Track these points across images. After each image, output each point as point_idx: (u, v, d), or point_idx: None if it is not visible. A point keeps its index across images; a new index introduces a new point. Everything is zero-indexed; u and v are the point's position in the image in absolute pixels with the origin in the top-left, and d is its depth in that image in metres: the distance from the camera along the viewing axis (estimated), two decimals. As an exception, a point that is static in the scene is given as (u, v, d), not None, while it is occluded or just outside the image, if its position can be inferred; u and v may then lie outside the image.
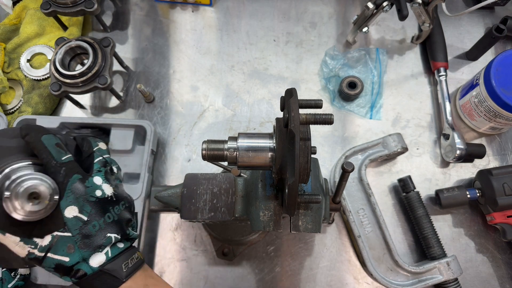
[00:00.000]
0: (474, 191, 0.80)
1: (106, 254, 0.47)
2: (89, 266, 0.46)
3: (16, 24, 0.97)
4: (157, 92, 0.95)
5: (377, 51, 0.95)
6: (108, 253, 0.47)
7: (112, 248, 0.48)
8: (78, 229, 0.46)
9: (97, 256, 0.46)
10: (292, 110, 0.46)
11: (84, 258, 0.46)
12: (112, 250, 0.48)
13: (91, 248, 0.46)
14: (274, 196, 0.59)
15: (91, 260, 0.46)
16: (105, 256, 0.47)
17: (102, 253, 0.47)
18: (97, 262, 0.46)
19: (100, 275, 0.46)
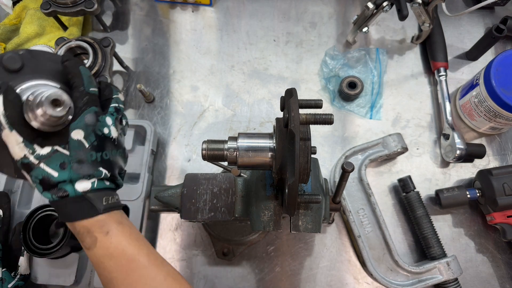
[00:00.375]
0: (474, 191, 0.80)
1: (92, 184, 0.49)
2: (73, 188, 0.48)
3: (16, 24, 0.97)
4: (157, 92, 0.95)
5: (377, 51, 0.95)
6: (94, 183, 0.49)
7: (99, 181, 0.50)
8: (77, 152, 0.48)
9: (83, 182, 0.48)
10: (292, 110, 0.46)
11: (71, 180, 0.47)
12: (98, 183, 0.50)
13: (81, 173, 0.48)
14: (274, 196, 0.59)
15: (77, 184, 0.48)
16: (91, 185, 0.49)
17: (89, 181, 0.48)
18: (82, 187, 0.48)
19: (81, 200, 0.48)
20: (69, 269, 0.75)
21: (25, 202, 0.82)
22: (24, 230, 0.71)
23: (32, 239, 0.70)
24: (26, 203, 0.82)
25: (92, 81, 0.52)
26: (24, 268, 0.73)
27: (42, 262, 0.75)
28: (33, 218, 0.72)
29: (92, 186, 0.49)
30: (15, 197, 0.81)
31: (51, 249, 0.70)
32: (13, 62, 0.50)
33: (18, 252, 0.74)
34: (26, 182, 0.82)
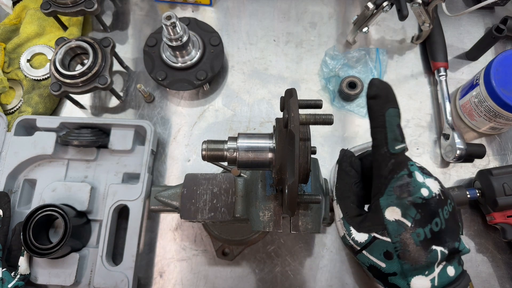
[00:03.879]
0: (474, 191, 0.80)
1: (432, 282, 0.38)
2: (408, 287, 0.38)
3: (16, 24, 0.97)
4: (157, 92, 0.95)
5: (377, 51, 0.95)
6: (434, 281, 0.38)
7: (440, 275, 0.38)
8: (399, 237, 0.38)
9: (420, 279, 0.38)
10: (292, 111, 0.46)
11: (404, 273, 0.38)
12: (440, 277, 0.38)
13: (412, 262, 0.38)
14: (274, 196, 0.59)
15: (413, 282, 0.38)
16: (430, 283, 0.38)
17: (427, 278, 0.38)
18: (420, 287, 0.38)
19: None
20: (69, 269, 0.75)
21: (25, 202, 0.82)
22: (24, 230, 0.71)
23: (32, 239, 0.70)
24: (26, 203, 0.82)
25: (399, 132, 0.41)
26: (24, 268, 0.73)
27: (42, 262, 0.75)
28: (33, 218, 0.72)
29: (432, 285, 0.38)
30: (15, 197, 0.81)
31: (51, 249, 0.70)
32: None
33: (18, 252, 0.74)
34: (26, 182, 0.82)
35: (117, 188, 0.79)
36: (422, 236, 0.38)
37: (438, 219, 0.39)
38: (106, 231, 0.76)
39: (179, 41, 0.82)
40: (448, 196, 0.42)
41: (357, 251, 0.41)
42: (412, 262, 0.38)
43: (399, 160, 0.40)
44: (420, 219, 0.38)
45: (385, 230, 0.39)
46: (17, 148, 0.82)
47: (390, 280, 0.40)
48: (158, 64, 0.89)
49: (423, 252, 0.38)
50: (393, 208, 0.39)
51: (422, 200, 0.39)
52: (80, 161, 0.84)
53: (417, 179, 0.40)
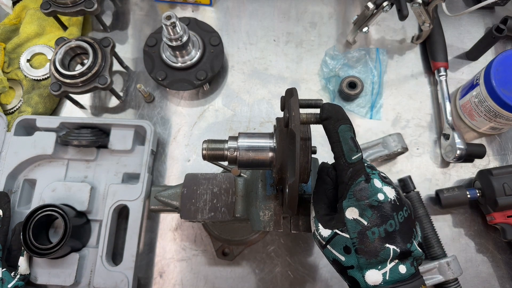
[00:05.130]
0: (474, 191, 0.80)
1: (383, 276, 0.42)
2: (363, 279, 0.43)
3: (16, 24, 0.97)
4: (157, 92, 0.95)
5: (377, 51, 0.95)
6: (385, 275, 0.42)
7: (392, 271, 0.43)
8: (357, 233, 0.44)
9: (373, 272, 0.43)
10: (292, 110, 0.46)
11: (360, 266, 0.43)
12: (391, 273, 0.43)
13: (367, 256, 0.43)
14: (274, 196, 0.59)
15: (367, 274, 0.43)
16: (382, 277, 0.42)
17: (380, 272, 0.43)
18: (373, 280, 0.43)
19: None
20: (69, 269, 0.75)
21: (25, 202, 0.82)
22: (24, 230, 0.71)
23: (32, 239, 0.70)
24: (26, 203, 0.82)
25: (354, 144, 0.46)
26: (24, 268, 0.73)
27: (42, 262, 0.75)
28: (33, 218, 0.72)
29: (383, 279, 0.42)
30: (15, 197, 0.81)
31: (51, 249, 0.70)
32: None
33: (18, 252, 0.74)
34: (26, 182, 0.82)
35: (117, 188, 0.79)
36: (376, 234, 0.43)
37: (393, 221, 0.44)
38: (106, 231, 0.76)
39: (179, 41, 0.82)
40: (404, 204, 0.47)
41: (323, 245, 0.47)
42: (367, 256, 0.43)
43: (356, 168, 0.46)
44: (375, 219, 0.44)
45: (345, 227, 0.45)
46: (17, 148, 0.81)
47: (348, 273, 0.45)
48: (158, 64, 0.89)
49: (377, 248, 0.43)
50: (352, 208, 0.45)
51: (377, 203, 0.44)
52: (80, 161, 0.84)
53: (375, 184, 0.45)
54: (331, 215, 0.48)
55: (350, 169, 0.46)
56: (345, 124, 0.47)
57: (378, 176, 0.47)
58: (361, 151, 0.47)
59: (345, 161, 0.46)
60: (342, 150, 0.46)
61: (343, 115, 0.48)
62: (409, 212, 0.47)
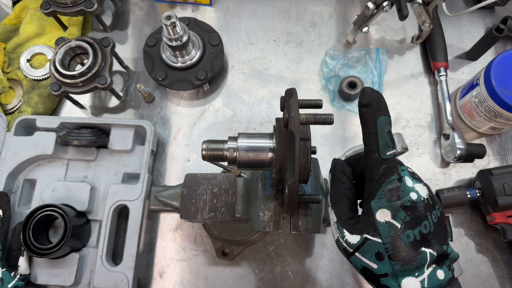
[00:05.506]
0: (474, 191, 0.80)
1: (421, 283, 0.39)
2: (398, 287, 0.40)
3: (16, 24, 0.97)
4: (157, 92, 0.95)
5: (377, 51, 0.95)
6: (423, 283, 0.39)
7: (430, 277, 0.40)
8: (390, 237, 0.40)
9: (410, 280, 0.39)
10: (292, 110, 0.46)
11: (395, 274, 0.40)
12: (429, 280, 0.39)
13: (402, 262, 0.39)
14: (274, 196, 0.59)
15: (403, 283, 0.39)
16: (420, 285, 0.39)
17: (417, 279, 0.39)
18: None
19: None
20: (69, 269, 0.75)
21: (25, 202, 0.82)
22: (24, 230, 0.71)
23: (32, 239, 0.70)
24: (26, 203, 0.82)
25: (390, 138, 0.43)
26: (24, 268, 0.73)
27: (42, 262, 0.75)
28: (33, 218, 0.72)
29: (421, 287, 0.39)
30: (15, 197, 0.81)
31: (51, 249, 0.70)
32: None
33: (18, 252, 0.74)
34: (25, 182, 0.82)
35: (117, 188, 0.79)
36: (411, 237, 0.40)
37: (427, 222, 0.41)
38: (106, 231, 0.76)
39: (179, 41, 0.82)
40: (436, 202, 0.44)
41: (350, 253, 0.43)
42: (402, 262, 0.40)
43: (390, 165, 0.42)
44: (409, 221, 0.40)
45: (376, 231, 0.41)
46: (17, 148, 0.82)
47: (381, 282, 0.41)
48: (158, 64, 0.89)
49: (413, 253, 0.40)
50: (384, 210, 0.41)
51: (411, 204, 0.41)
52: (80, 161, 0.84)
53: (406, 183, 0.42)
54: (354, 218, 0.44)
55: (383, 166, 0.42)
56: (385, 115, 0.43)
57: (408, 172, 0.43)
58: (396, 147, 0.43)
59: (379, 156, 0.42)
60: (378, 143, 0.42)
61: (384, 105, 0.43)
62: (441, 211, 0.44)
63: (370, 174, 0.43)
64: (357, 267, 0.43)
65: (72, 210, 0.77)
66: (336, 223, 0.44)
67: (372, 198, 0.42)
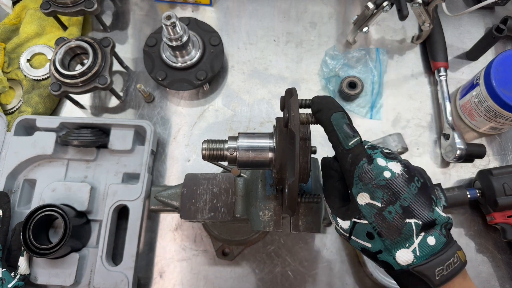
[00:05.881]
0: (474, 191, 0.80)
1: (413, 253, 0.41)
2: (395, 261, 0.42)
3: (16, 24, 0.97)
4: (157, 92, 0.95)
5: (377, 51, 0.95)
6: (415, 251, 0.41)
7: (421, 245, 0.42)
8: (374, 217, 0.43)
9: (402, 252, 0.42)
10: (292, 110, 0.46)
11: (387, 249, 0.42)
12: (420, 248, 0.41)
13: (391, 237, 0.42)
14: (274, 196, 0.59)
15: (397, 255, 0.42)
16: (413, 254, 0.41)
17: (409, 250, 0.41)
18: (404, 260, 0.42)
19: (408, 275, 0.42)
20: (69, 269, 0.75)
21: (25, 202, 0.82)
22: (24, 230, 0.71)
23: (32, 239, 0.70)
24: (26, 203, 0.82)
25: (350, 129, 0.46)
26: (24, 268, 0.73)
27: (42, 262, 0.75)
28: (33, 218, 0.72)
29: (414, 256, 0.41)
30: (15, 197, 0.81)
31: (51, 249, 0.70)
32: None
33: (18, 252, 0.74)
34: (25, 182, 0.83)
35: (117, 188, 0.79)
36: (393, 212, 0.42)
37: (406, 195, 0.43)
38: (106, 231, 0.76)
39: (179, 41, 0.82)
40: (415, 174, 0.46)
41: (347, 237, 0.46)
42: (391, 237, 0.42)
43: (355, 153, 0.45)
44: (388, 198, 0.43)
45: (361, 214, 0.44)
46: (17, 148, 0.82)
47: (379, 258, 0.44)
48: (158, 64, 0.89)
49: (398, 227, 0.42)
50: (362, 193, 0.44)
51: (385, 182, 0.43)
52: (80, 161, 0.84)
53: (378, 164, 0.44)
54: (345, 205, 0.47)
55: (349, 155, 0.45)
56: (337, 111, 0.47)
57: (381, 154, 0.46)
58: (358, 135, 0.46)
59: (343, 149, 0.45)
60: (338, 138, 0.46)
61: (333, 104, 0.47)
62: (423, 181, 0.45)
63: (343, 166, 0.46)
64: (357, 249, 0.46)
65: (72, 210, 0.77)
66: (330, 214, 0.48)
67: (351, 186, 0.45)
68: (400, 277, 0.43)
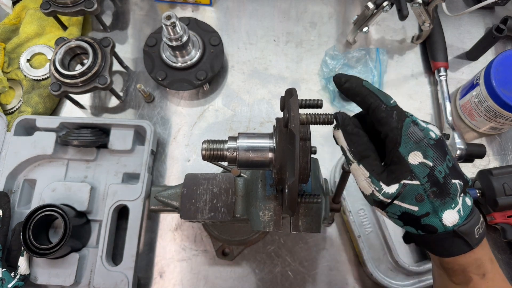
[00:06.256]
0: (474, 191, 0.80)
1: (458, 213, 0.42)
2: (441, 223, 0.42)
3: (16, 24, 0.97)
4: (157, 92, 0.95)
5: (377, 51, 0.95)
6: (460, 212, 0.42)
7: (463, 206, 0.43)
8: (427, 177, 0.41)
9: (449, 213, 0.41)
10: (292, 110, 0.46)
11: (435, 211, 0.41)
12: (463, 208, 0.42)
13: (441, 197, 0.42)
14: (274, 196, 0.59)
15: (444, 217, 0.41)
16: (458, 215, 0.42)
17: (455, 210, 0.42)
18: (451, 221, 0.41)
19: (451, 236, 0.42)
20: (69, 269, 0.75)
21: (25, 202, 0.82)
22: (24, 230, 0.71)
23: (32, 239, 0.70)
24: (26, 203, 0.82)
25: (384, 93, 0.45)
26: (24, 268, 0.73)
27: (42, 262, 0.75)
28: (33, 218, 0.72)
29: (459, 216, 0.42)
30: (15, 197, 0.81)
31: (51, 249, 0.70)
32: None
33: (18, 252, 0.74)
34: (25, 182, 0.82)
35: (117, 188, 0.79)
36: (443, 172, 0.42)
37: (449, 156, 0.43)
38: (106, 231, 0.76)
39: (179, 41, 0.82)
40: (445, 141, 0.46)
41: (387, 203, 0.43)
42: (441, 198, 0.42)
43: (399, 110, 0.44)
44: (437, 157, 0.42)
45: (413, 174, 0.42)
46: (17, 148, 0.82)
47: (422, 222, 0.42)
48: (158, 64, 0.89)
49: (448, 187, 0.42)
50: (415, 152, 0.42)
51: (433, 141, 0.42)
52: (80, 161, 0.84)
53: (422, 124, 0.44)
54: (384, 170, 0.45)
55: (394, 112, 0.44)
56: (365, 80, 0.46)
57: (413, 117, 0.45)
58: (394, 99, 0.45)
59: (387, 106, 0.44)
60: (378, 97, 0.44)
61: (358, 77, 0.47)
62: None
63: (387, 125, 0.44)
64: (395, 215, 0.44)
65: (72, 210, 0.77)
66: (370, 177, 0.44)
67: (398, 145, 0.43)
68: (439, 240, 0.43)
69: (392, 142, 0.43)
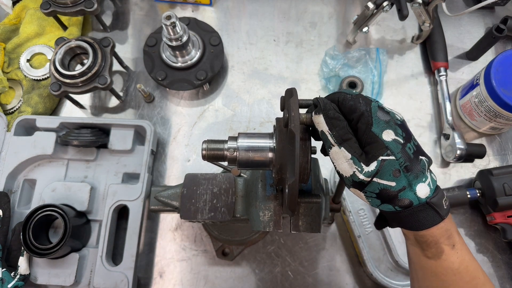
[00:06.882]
0: (474, 191, 0.80)
1: (429, 186, 0.45)
2: (416, 196, 0.44)
3: (16, 24, 0.97)
4: (157, 92, 0.95)
5: (377, 51, 0.95)
6: (430, 185, 0.45)
7: (432, 179, 0.46)
8: (400, 152, 0.44)
9: (421, 186, 0.44)
10: (292, 110, 0.46)
11: (410, 184, 0.44)
12: (432, 181, 0.45)
13: (414, 172, 0.44)
14: (274, 196, 0.59)
15: (417, 189, 0.44)
16: (428, 187, 0.45)
17: (425, 183, 0.45)
18: (424, 193, 0.44)
19: (425, 208, 0.44)
20: (69, 269, 0.75)
21: (25, 202, 0.82)
22: (24, 230, 0.71)
23: (32, 239, 0.70)
24: (26, 203, 0.82)
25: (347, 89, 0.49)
26: (24, 268, 0.73)
27: (42, 262, 0.75)
28: (33, 218, 0.72)
29: (430, 189, 0.45)
30: (15, 197, 0.81)
31: (51, 249, 0.70)
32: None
33: (18, 252, 0.74)
34: (25, 182, 0.83)
35: (117, 188, 0.79)
36: (412, 149, 0.45)
37: (413, 135, 0.47)
38: (106, 231, 0.76)
39: (179, 41, 0.82)
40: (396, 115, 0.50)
41: (367, 182, 0.45)
42: (414, 171, 0.44)
43: (364, 96, 0.48)
44: (406, 135, 0.45)
45: (388, 151, 0.44)
46: (17, 148, 0.82)
47: (400, 197, 0.45)
48: (158, 64, 0.89)
49: (417, 162, 0.45)
50: (387, 131, 0.45)
51: (400, 122, 0.46)
52: (80, 161, 0.84)
53: (386, 108, 0.47)
54: (362, 152, 0.47)
55: (360, 98, 0.47)
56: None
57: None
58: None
59: (351, 96, 0.47)
60: (342, 92, 0.48)
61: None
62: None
63: (357, 110, 0.47)
64: (373, 193, 0.46)
65: (72, 210, 0.77)
66: (352, 158, 0.46)
67: (371, 126, 0.45)
68: (414, 213, 0.45)
69: (364, 124, 0.46)
